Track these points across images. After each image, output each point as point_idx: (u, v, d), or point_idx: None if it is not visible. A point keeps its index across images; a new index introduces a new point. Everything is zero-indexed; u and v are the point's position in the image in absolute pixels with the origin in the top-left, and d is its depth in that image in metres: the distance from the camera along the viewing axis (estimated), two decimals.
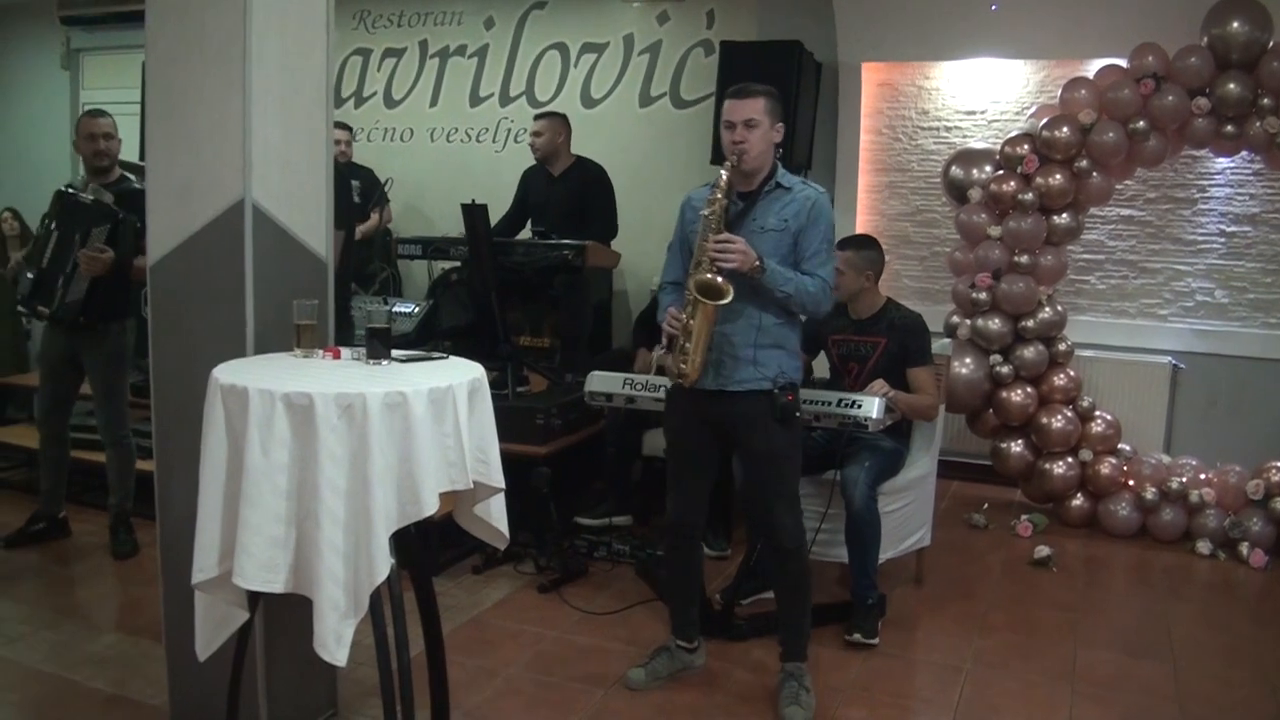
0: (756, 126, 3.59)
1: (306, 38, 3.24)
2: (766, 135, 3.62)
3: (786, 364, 3.67)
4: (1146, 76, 5.49)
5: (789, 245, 3.63)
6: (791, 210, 3.63)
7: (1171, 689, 3.99)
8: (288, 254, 3.23)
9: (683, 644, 4.03)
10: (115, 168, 5.06)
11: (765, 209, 3.66)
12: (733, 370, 3.63)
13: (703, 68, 7.35)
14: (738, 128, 3.59)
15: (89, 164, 5.01)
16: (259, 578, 2.58)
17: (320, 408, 2.53)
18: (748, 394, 3.64)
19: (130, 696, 3.68)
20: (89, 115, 5.08)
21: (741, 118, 3.59)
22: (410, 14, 8.34)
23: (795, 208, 3.64)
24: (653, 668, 3.97)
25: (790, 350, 3.71)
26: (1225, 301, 6.26)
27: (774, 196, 3.67)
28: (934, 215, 6.88)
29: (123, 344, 5.08)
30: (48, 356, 5.10)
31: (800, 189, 3.68)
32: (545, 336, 6.44)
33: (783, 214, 3.64)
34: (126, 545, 5.08)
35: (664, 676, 3.97)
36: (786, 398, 3.63)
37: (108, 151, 4.98)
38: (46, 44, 9.66)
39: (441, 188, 7.96)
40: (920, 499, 4.80)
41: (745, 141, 3.58)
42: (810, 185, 3.72)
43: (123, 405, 5.15)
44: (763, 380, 3.63)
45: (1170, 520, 5.64)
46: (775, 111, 3.65)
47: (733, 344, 3.63)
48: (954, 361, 5.75)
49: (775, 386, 3.63)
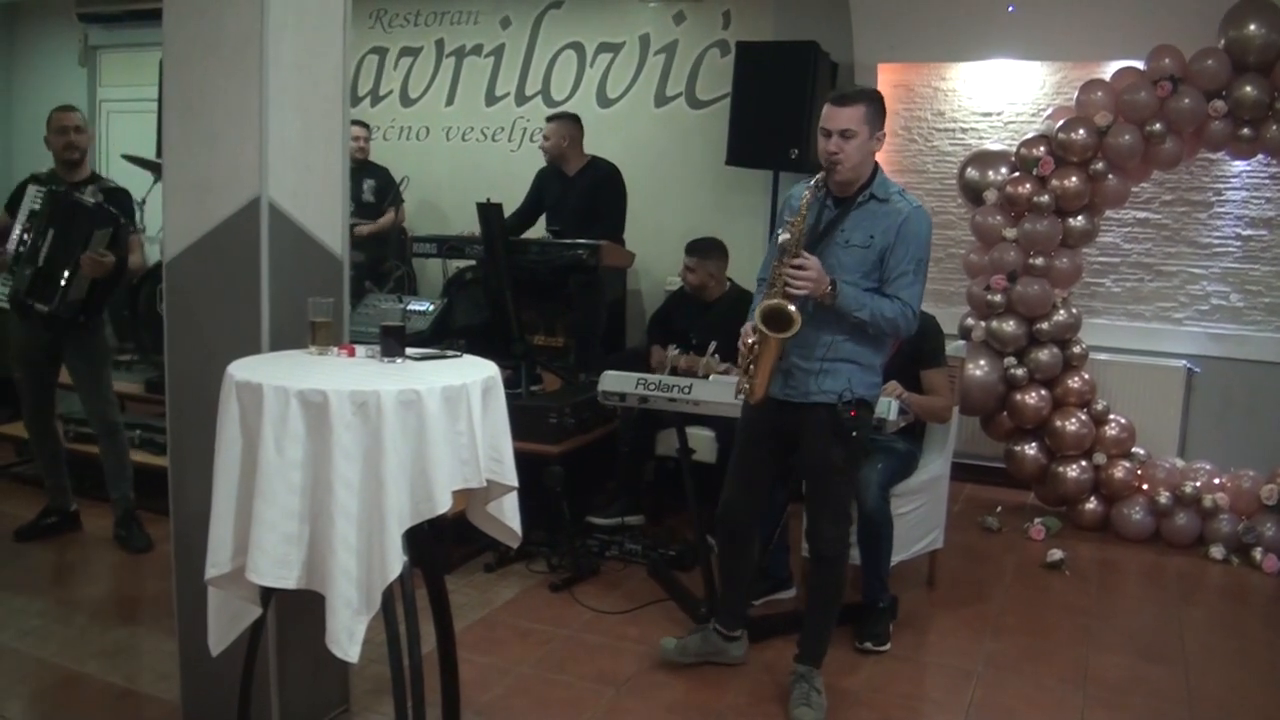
0: (853, 137, 3.45)
1: (323, 36, 3.25)
2: (864, 146, 3.48)
3: (857, 380, 3.59)
4: (1163, 79, 5.47)
5: (874, 262, 3.53)
6: (880, 226, 3.51)
7: (1184, 694, 3.98)
8: (303, 251, 3.24)
9: (720, 629, 4.05)
10: (86, 163, 5.08)
11: (856, 221, 3.55)
12: (800, 382, 3.61)
13: (719, 68, 7.34)
14: (833, 137, 3.46)
15: (59, 157, 5.01)
16: (272, 573, 2.58)
17: (335, 405, 2.54)
18: (812, 406, 3.60)
19: (142, 690, 3.70)
20: (59, 110, 5.08)
21: (838, 126, 3.45)
22: (427, 13, 8.36)
23: (885, 223, 3.51)
24: (685, 643, 4.03)
25: (865, 366, 3.62)
26: (1241, 305, 6.23)
27: (867, 209, 3.55)
28: (949, 217, 6.87)
29: (104, 334, 5.15)
30: (26, 352, 5.09)
31: (897, 201, 3.53)
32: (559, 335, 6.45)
33: (871, 229, 3.52)
34: (138, 540, 5.09)
35: (693, 654, 4.01)
36: (849, 414, 3.54)
37: (77, 144, 4.99)
38: (64, 41, 9.70)
39: (457, 186, 7.98)
40: (933, 501, 4.79)
41: (840, 152, 3.46)
42: (907, 198, 3.57)
43: (110, 392, 5.20)
44: (828, 394, 3.57)
45: (1184, 525, 5.62)
46: (876, 119, 3.50)
47: (803, 355, 3.58)
48: (968, 364, 5.74)
49: (840, 401, 3.55)
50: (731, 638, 4.06)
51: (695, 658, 4.03)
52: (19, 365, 5.15)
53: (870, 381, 3.65)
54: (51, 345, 5.03)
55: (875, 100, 3.54)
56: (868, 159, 3.53)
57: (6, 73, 10.07)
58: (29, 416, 5.22)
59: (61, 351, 5.07)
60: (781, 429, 3.71)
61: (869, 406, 3.66)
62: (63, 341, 5.02)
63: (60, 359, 5.12)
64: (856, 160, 3.49)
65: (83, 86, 9.68)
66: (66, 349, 5.06)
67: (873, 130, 3.49)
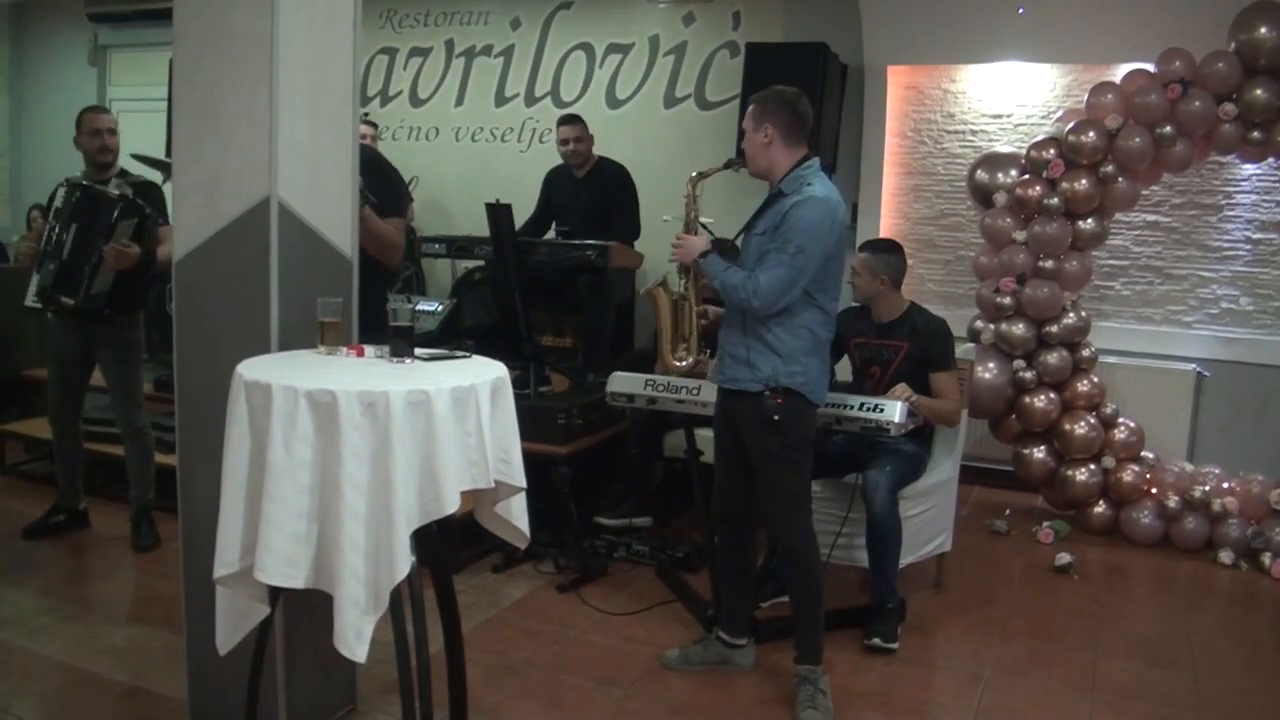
0: (744, 136, 3.73)
1: (333, 36, 3.26)
2: (751, 140, 3.70)
3: (781, 368, 3.62)
4: (1174, 81, 5.46)
5: (771, 250, 3.62)
6: (774, 218, 3.64)
7: (1191, 699, 3.97)
8: (313, 251, 3.25)
9: (724, 636, 4.05)
10: (116, 164, 5.08)
11: (766, 214, 3.73)
12: (730, 369, 3.74)
13: (728, 69, 7.34)
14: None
15: (92, 159, 5.01)
16: (280, 573, 2.59)
17: (343, 405, 2.54)
18: (740, 394, 3.70)
19: (150, 689, 3.71)
20: (92, 111, 5.10)
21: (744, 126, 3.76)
22: (437, 13, 8.37)
23: (778, 214, 3.63)
24: (687, 653, 4.05)
25: (786, 355, 3.63)
26: (1250, 309, 6.22)
27: (773, 204, 3.71)
28: (959, 219, 6.86)
29: (137, 335, 5.13)
30: (59, 352, 5.12)
31: (791, 196, 3.62)
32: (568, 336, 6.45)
33: (769, 221, 3.67)
34: (148, 539, 5.11)
35: (698, 664, 4.02)
36: (775, 400, 3.59)
37: (111, 146, 5.00)
38: (74, 40, 9.74)
39: (466, 187, 7.99)
40: (941, 504, 4.78)
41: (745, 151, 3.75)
42: (803, 191, 3.61)
43: (140, 395, 5.19)
44: (753, 382, 3.65)
45: (1192, 529, 5.60)
46: (759, 115, 3.70)
47: (730, 343, 3.74)
48: (977, 366, 5.73)
49: (765, 388, 3.62)
50: (736, 645, 4.06)
51: (699, 667, 4.03)
52: (51, 363, 5.17)
53: (793, 370, 3.63)
54: (85, 344, 5.04)
55: (766, 100, 3.71)
56: (762, 152, 3.70)
57: (17, 72, 10.11)
58: (54, 414, 5.23)
59: (94, 351, 5.08)
60: (729, 416, 3.81)
61: (801, 398, 3.66)
62: (96, 340, 5.03)
63: (93, 359, 5.12)
64: (752, 154, 3.72)
65: (93, 86, 9.71)
66: (100, 348, 5.06)
67: (756, 125, 3.68)
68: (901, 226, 6.95)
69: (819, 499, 4.56)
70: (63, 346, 5.08)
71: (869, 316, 4.68)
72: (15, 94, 10.12)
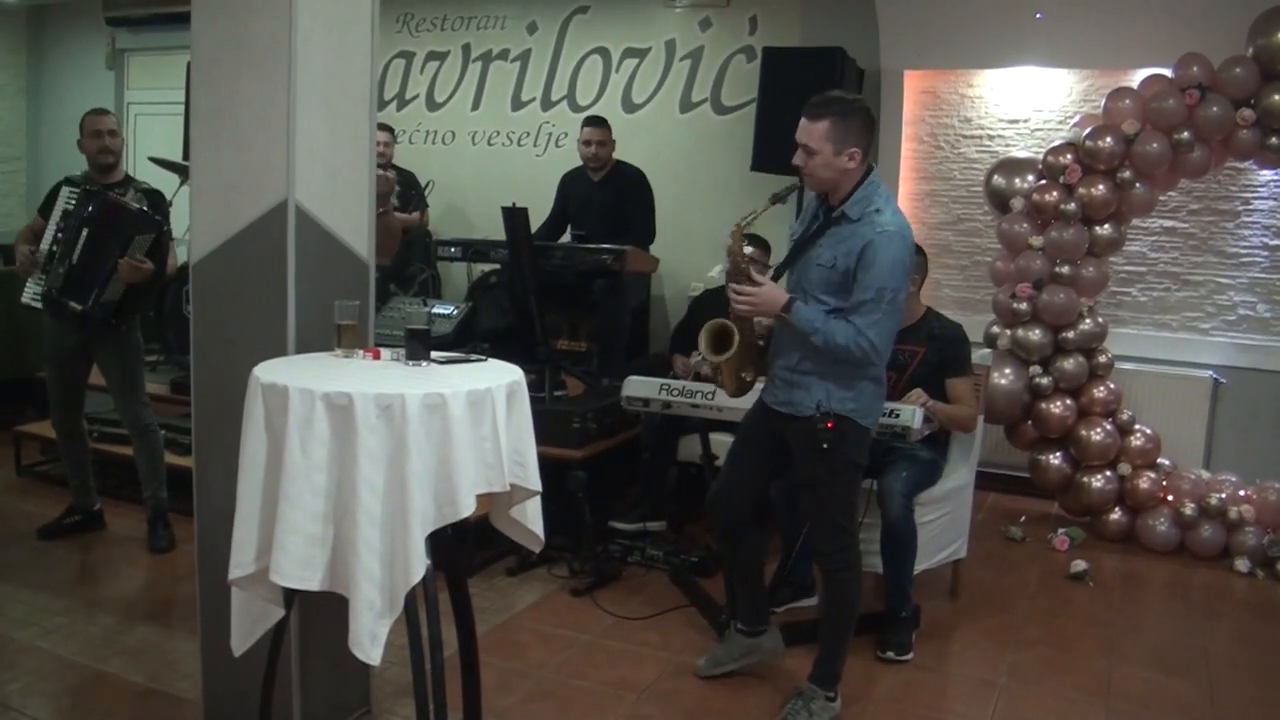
0: (815, 154, 3.41)
1: (351, 40, 3.26)
2: (829, 164, 3.41)
3: (835, 394, 3.51)
4: (1191, 87, 5.45)
5: (838, 284, 3.46)
6: (844, 249, 3.43)
7: (1207, 708, 3.95)
8: (330, 255, 3.25)
9: (742, 628, 4.03)
10: (120, 166, 5.11)
11: (830, 239, 3.49)
12: (782, 391, 3.63)
13: (745, 74, 7.34)
14: (799, 150, 3.45)
15: (94, 161, 5.05)
16: (295, 575, 2.59)
17: (360, 408, 2.55)
18: (793, 417, 3.59)
19: (164, 690, 3.72)
20: (93, 113, 5.12)
21: (801, 141, 3.43)
22: (454, 18, 8.38)
23: (848, 246, 3.42)
24: (715, 656, 4.04)
25: (842, 380, 3.52)
26: (1268, 316, 6.19)
27: (839, 228, 3.47)
28: (975, 224, 6.84)
29: (135, 334, 5.15)
30: (56, 351, 5.12)
31: (864, 224, 3.42)
32: (583, 340, 6.45)
33: (835, 250, 3.45)
34: (164, 540, 5.12)
35: (729, 662, 4.01)
36: (825, 426, 3.48)
37: (112, 148, 5.03)
38: (92, 44, 9.78)
39: (482, 191, 7.98)
40: (957, 510, 4.77)
41: (804, 166, 3.46)
42: (878, 220, 3.41)
43: (143, 393, 5.21)
44: (804, 407, 3.55)
45: (1209, 537, 5.58)
46: (844, 135, 3.38)
47: (783, 364, 3.61)
48: (993, 372, 5.71)
49: (817, 413, 3.51)
50: (758, 632, 4.02)
51: (732, 664, 4.01)
52: (49, 363, 5.19)
53: (847, 396, 3.52)
54: (83, 345, 5.06)
55: (846, 115, 3.41)
56: (838, 175, 3.44)
57: (35, 76, 10.16)
58: (56, 415, 5.25)
59: (93, 352, 5.10)
60: (777, 434, 3.71)
61: (853, 423, 3.55)
62: (94, 342, 5.05)
63: (91, 359, 5.14)
64: (824, 176, 3.44)
65: (110, 89, 9.75)
66: (98, 350, 5.08)
67: (838, 148, 3.39)
68: (918, 231, 6.86)
69: None
70: (60, 346, 5.09)
71: None
72: (33, 97, 10.17)
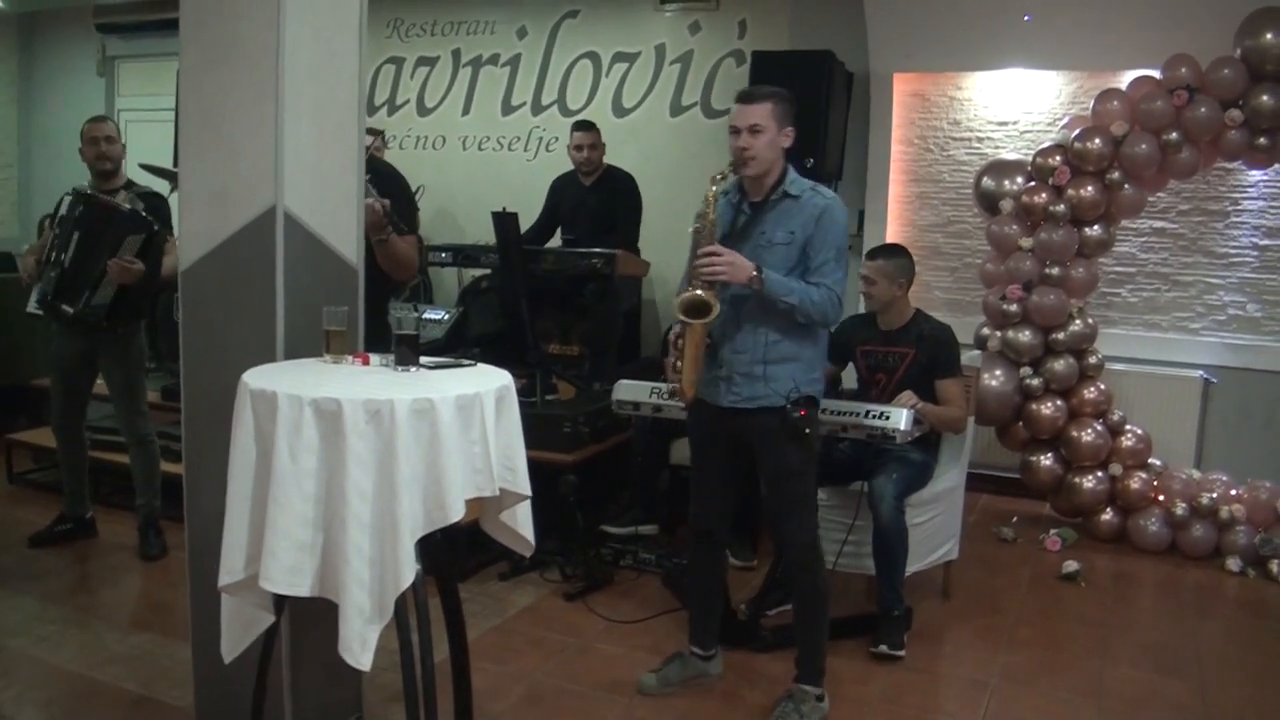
0: (762, 132, 3.53)
1: (339, 46, 3.26)
2: (773, 142, 3.56)
3: (801, 377, 3.60)
4: (1179, 88, 5.46)
5: (797, 257, 3.58)
6: (798, 221, 3.58)
7: (1199, 707, 3.96)
8: (318, 260, 3.25)
9: (698, 651, 4.03)
10: (121, 172, 5.12)
11: (774, 221, 3.61)
12: (744, 387, 3.61)
13: (734, 77, 7.34)
14: (743, 134, 3.53)
15: (94, 168, 5.07)
16: (285, 581, 2.59)
17: (348, 413, 2.55)
18: (760, 410, 3.60)
19: (156, 697, 3.72)
20: (91, 121, 5.15)
21: (747, 123, 3.53)
22: (443, 23, 8.39)
23: (803, 218, 3.58)
24: (665, 674, 3.98)
25: (805, 362, 3.64)
26: (1258, 315, 6.21)
27: (782, 207, 3.61)
28: (965, 226, 6.86)
29: (139, 343, 5.16)
30: (61, 358, 5.14)
31: (809, 197, 3.61)
32: (574, 344, 6.45)
33: (789, 225, 3.58)
34: (155, 547, 5.12)
35: (676, 683, 3.97)
36: (799, 413, 3.55)
37: (109, 154, 5.04)
38: (82, 51, 9.78)
39: (473, 196, 7.99)
40: (948, 511, 4.78)
41: (750, 148, 3.53)
42: (820, 192, 3.65)
43: (144, 404, 5.21)
44: (774, 396, 3.58)
45: (1200, 536, 5.59)
46: (784, 115, 3.58)
47: (743, 360, 3.61)
48: (984, 373, 5.72)
49: (787, 402, 3.57)
50: (708, 657, 4.04)
51: (679, 685, 3.98)
52: (53, 369, 5.20)
53: (812, 378, 3.66)
54: (87, 352, 5.06)
55: (782, 99, 3.61)
56: (777, 155, 3.61)
57: (26, 83, 10.15)
58: (57, 422, 5.24)
59: (96, 359, 5.10)
60: (732, 434, 3.72)
61: (816, 403, 3.69)
62: (98, 349, 5.05)
63: (95, 366, 5.14)
64: (767, 156, 3.57)
65: (101, 96, 9.75)
66: (101, 356, 5.08)
67: (780, 126, 3.57)
68: (908, 234, 6.94)
69: (826, 507, 4.57)
70: (64, 353, 5.10)
71: (875, 324, 4.68)
72: (24, 104, 10.16)
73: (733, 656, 4.15)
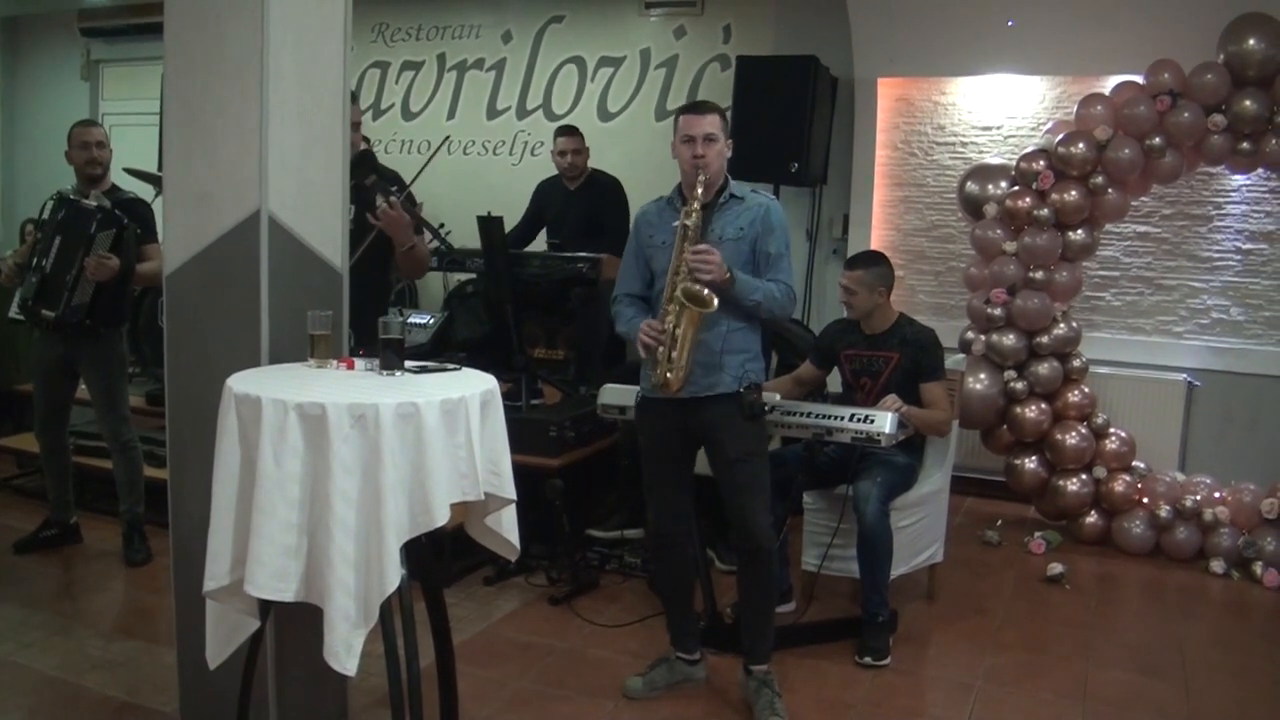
0: (715, 141, 3.71)
1: (324, 50, 3.26)
2: (722, 151, 3.75)
3: (750, 365, 3.78)
4: (1163, 93, 5.49)
5: (747, 254, 3.76)
6: (746, 219, 3.76)
7: (1184, 709, 3.97)
8: (303, 265, 3.25)
9: (682, 655, 4.04)
10: (108, 177, 5.11)
11: (722, 220, 3.76)
12: (703, 376, 3.71)
13: (719, 82, 7.37)
14: (698, 142, 3.69)
15: (82, 173, 5.05)
16: (270, 586, 2.59)
17: (333, 418, 2.55)
18: (717, 398, 3.72)
19: (141, 703, 3.70)
20: (81, 125, 5.14)
21: (702, 132, 3.70)
22: (428, 27, 8.39)
23: (750, 216, 3.76)
24: (651, 678, 3.99)
25: (753, 353, 3.82)
26: (1241, 319, 6.24)
27: (728, 208, 3.78)
28: (949, 230, 6.88)
29: (119, 349, 5.14)
30: (42, 364, 5.12)
31: (753, 198, 3.82)
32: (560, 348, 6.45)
33: (738, 223, 3.75)
34: (140, 553, 5.10)
35: (662, 687, 3.98)
36: (753, 395, 3.73)
37: (100, 159, 5.04)
38: (67, 55, 9.76)
39: (458, 200, 7.97)
40: (933, 515, 4.79)
41: (705, 156, 3.68)
42: (760, 193, 3.87)
43: (125, 409, 5.19)
44: (729, 382, 3.71)
45: (1184, 539, 5.61)
46: (726, 127, 3.81)
47: (706, 351, 3.70)
48: (968, 377, 5.74)
49: (741, 387, 3.71)
50: (693, 661, 4.06)
51: (665, 689, 3.99)
52: (35, 376, 5.18)
53: (758, 367, 3.86)
54: (68, 358, 5.04)
55: (723, 112, 3.85)
56: (724, 163, 3.80)
57: (9, 87, 10.13)
58: (40, 428, 5.22)
59: (77, 364, 5.08)
60: (685, 427, 3.81)
61: (760, 389, 3.83)
62: (79, 354, 5.03)
63: (77, 373, 5.12)
64: (718, 164, 3.74)
65: (85, 100, 9.73)
66: (82, 362, 5.06)
67: (725, 135, 3.78)
68: (892, 238, 6.97)
69: (811, 510, 4.58)
70: (46, 359, 5.08)
71: (858, 329, 4.68)
72: (7, 108, 10.13)
73: (720, 661, 4.15)
